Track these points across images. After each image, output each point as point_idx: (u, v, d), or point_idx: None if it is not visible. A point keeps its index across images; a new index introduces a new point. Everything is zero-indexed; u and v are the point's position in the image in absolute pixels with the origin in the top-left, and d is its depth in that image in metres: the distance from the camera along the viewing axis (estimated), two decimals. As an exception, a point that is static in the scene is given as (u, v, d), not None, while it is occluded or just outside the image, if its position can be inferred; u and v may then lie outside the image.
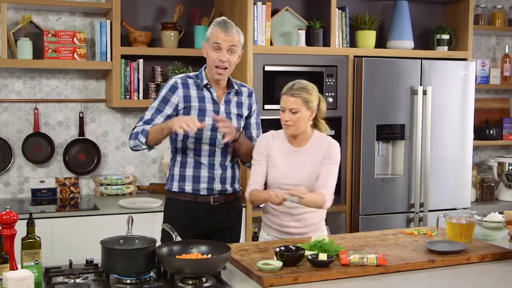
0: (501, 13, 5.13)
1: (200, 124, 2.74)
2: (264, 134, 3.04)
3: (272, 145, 2.97)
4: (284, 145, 2.97)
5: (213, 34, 2.91)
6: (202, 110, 2.95)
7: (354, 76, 4.28)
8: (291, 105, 2.84)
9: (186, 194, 3.00)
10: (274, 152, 2.96)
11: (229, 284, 2.28)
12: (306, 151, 2.94)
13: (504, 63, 5.21)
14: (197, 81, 3.01)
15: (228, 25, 2.91)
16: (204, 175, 3.00)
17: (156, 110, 2.94)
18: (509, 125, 5.20)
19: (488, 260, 2.65)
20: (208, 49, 2.95)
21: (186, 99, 2.95)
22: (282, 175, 2.93)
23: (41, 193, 4.21)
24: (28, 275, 1.98)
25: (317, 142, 2.95)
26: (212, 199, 3.01)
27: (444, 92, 4.43)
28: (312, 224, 2.98)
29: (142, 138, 2.87)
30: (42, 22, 4.17)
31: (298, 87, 2.87)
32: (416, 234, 3.00)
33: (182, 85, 2.97)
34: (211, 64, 2.94)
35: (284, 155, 2.95)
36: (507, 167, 5.09)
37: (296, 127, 2.87)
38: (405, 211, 4.39)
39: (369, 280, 2.39)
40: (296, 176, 2.91)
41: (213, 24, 2.95)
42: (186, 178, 3.01)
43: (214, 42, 2.90)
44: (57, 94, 4.26)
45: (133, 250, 2.31)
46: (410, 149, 4.36)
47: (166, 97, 2.95)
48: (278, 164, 2.94)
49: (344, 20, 4.34)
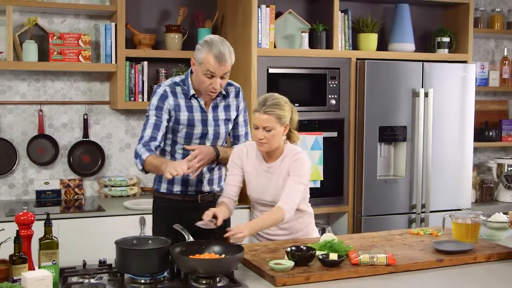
0: (500, 16, 5.19)
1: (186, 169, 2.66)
2: (239, 147, 2.98)
3: (245, 162, 2.92)
4: (257, 162, 2.91)
5: (207, 62, 2.76)
6: (190, 119, 2.91)
7: (357, 79, 4.32)
8: (265, 123, 2.75)
9: (174, 194, 3.01)
10: (247, 169, 2.91)
11: (243, 283, 2.31)
12: (278, 166, 2.86)
13: (503, 65, 5.27)
14: (184, 89, 2.92)
15: (226, 56, 2.76)
16: (192, 178, 2.97)
17: (157, 118, 2.88)
18: (507, 126, 5.26)
19: (494, 260, 2.69)
20: (199, 72, 2.81)
21: (176, 108, 2.90)
22: (258, 192, 2.90)
23: (46, 194, 4.23)
24: (47, 275, 2.01)
25: (288, 156, 2.85)
26: (200, 198, 3.02)
27: (445, 94, 4.48)
28: (300, 230, 2.96)
29: (139, 165, 2.82)
30: (47, 25, 4.19)
31: (270, 103, 2.76)
32: (422, 234, 3.04)
33: (171, 93, 2.90)
34: (203, 88, 2.84)
35: (258, 172, 2.90)
36: (506, 168, 5.15)
37: (270, 145, 2.79)
38: (407, 212, 4.44)
39: (379, 279, 2.42)
40: (270, 193, 2.86)
41: (207, 48, 2.77)
42: (174, 181, 2.99)
43: (207, 70, 2.77)
44: (61, 96, 4.28)
45: (148, 250, 2.34)
46: (412, 150, 4.41)
47: (159, 105, 2.89)
48: (252, 181, 2.91)
49: (346, 23, 4.38)
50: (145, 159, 2.78)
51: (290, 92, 4.16)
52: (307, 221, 3.00)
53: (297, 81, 4.22)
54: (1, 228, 2.19)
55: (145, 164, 2.79)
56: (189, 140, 2.94)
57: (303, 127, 4.18)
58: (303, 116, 4.21)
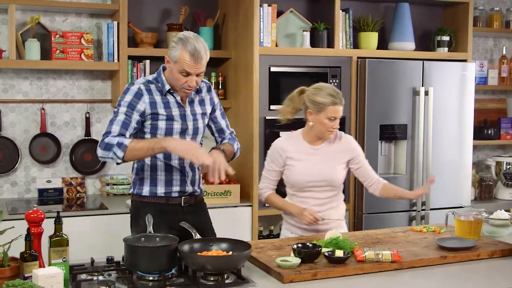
0: (498, 15, 5.23)
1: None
2: (278, 140, 3.13)
3: (288, 148, 3.07)
4: (303, 145, 3.08)
5: (182, 61, 2.70)
6: (169, 115, 2.82)
7: (358, 77, 4.35)
8: (341, 113, 3.03)
9: (158, 197, 2.90)
10: (292, 154, 3.06)
11: (250, 280, 2.33)
12: (324, 150, 3.09)
13: (501, 64, 5.30)
14: (158, 86, 2.84)
15: (201, 54, 2.70)
16: (176, 178, 2.90)
17: (126, 116, 2.75)
18: (506, 125, 5.30)
19: (497, 256, 2.72)
20: (174, 70, 2.75)
21: (152, 105, 2.80)
22: (304, 174, 3.03)
23: (48, 193, 4.24)
24: (58, 272, 2.03)
25: (332, 140, 3.10)
26: (183, 201, 2.93)
27: (445, 93, 4.51)
28: (334, 221, 3.07)
29: (119, 152, 2.68)
30: (48, 23, 4.20)
31: (341, 95, 3.04)
32: (425, 231, 3.07)
33: (146, 91, 2.80)
34: (177, 84, 2.79)
35: (305, 154, 3.06)
36: (505, 166, 5.19)
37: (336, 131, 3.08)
38: (407, 210, 4.47)
39: (384, 276, 2.45)
40: (318, 173, 3.02)
41: (181, 46, 2.70)
42: (158, 182, 2.89)
43: (183, 69, 2.71)
44: (63, 95, 4.29)
45: (156, 247, 2.36)
46: (412, 148, 4.44)
47: (132, 104, 2.77)
48: (299, 163, 3.04)
49: (347, 22, 4.41)
50: (128, 145, 2.67)
51: (292, 90, 4.19)
52: (341, 213, 3.17)
53: (299, 80, 4.23)
54: (11, 226, 2.20)
55: (128, 149, 2.68)
56: (170, 136, 2.83)
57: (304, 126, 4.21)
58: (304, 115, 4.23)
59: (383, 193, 3.13)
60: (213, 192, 4.06)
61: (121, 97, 2.82)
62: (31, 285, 1.92)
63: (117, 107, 2.80)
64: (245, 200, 4.18)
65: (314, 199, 3.06)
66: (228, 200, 4.11)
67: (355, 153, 3.12)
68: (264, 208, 4.16)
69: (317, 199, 3.06)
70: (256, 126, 4.10)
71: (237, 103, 4.35)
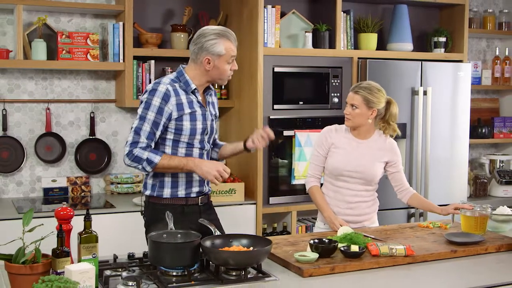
0: (492, 17, 5.35)
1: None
2: (328, 127, 3.35)
3: (335, 136, 3.27)
4: (348, 136, 3.28)
5: (229, 50, 2.85)
6: (193, 114, 2.88)
7: (358, 77, 4.44)
8: (352, 100, 3.18)
9: (178, 199, 2.94)
10: (337, 141, 3.25)
11: (272, 274, 2.41)
12: (367, 145, 3.25)
13: (494, 64, 5.43)
14: (181, 85, 2.89)
15: (234, 36, 2.91)
16: (196, 178, 2.96)
17: (154, 123, 2.81)
18: (499, 124, 5.43)
19: (504, 250, 2.83)
20: (220, 64, 2.86)
21: (179, 107, 2.84)
22: (344, 162, 3.21)
23: (53, 192, 4.28)
24: (90, 268, 2.08)
25: (378, 139, 3.28)
26: (200, 200, 3.00)
27: (442, 93, 4.62)
28: (365, 214, 3.24)
29: (148, 168, 2.80)
30: (53, 24, 4.23)
31: (363, 86, 3.20)
32: (432, 227, 3.17)
33: (174, 92, 2.84)
34: (224, 75, 2.90)
35: (349, 144, 3.24)
36: (498, 164, 5.32)
37: (353, 121, 3.20)
38: (406, 207, 4.56)
39: (399, 269, 2.54)
40: (357, 164, 3.19)
41: (224, 39, 2.84)
42: (179, 184, 2.94)
43: (231, 56, 2.86)
44: (68, 95, 4.33)
45: (181, 243, 2.42)
46: (411, 147, 4.54)
47: (161, 107, 2.80)
48: (341, 151, 3.23)
49: (348, 23, 4.50)
50: (157, 163, 2.79)
51: (295, 90, 4.32)
52: (373, 207, 3.32)
53: (301, 80, 4.33)
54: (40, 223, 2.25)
55: (157, 167, 2.80)
56: (193, 136, 2.89)
57: (307, 125, 4.31)
58: (307, 114, 4.33)
59: (411, 202, 3.32)
60: (218, 191, 4.12)
61: (148, 98, 2.82)
62: (67, 280, 1.97)
63: (143, 109, 2.82)
64: (249, 198, 4.25)
65: (347, 189, 3.21)
66: (232, 198, 4.18)
67: (395, 157, 3.28)
68: (268, 206, 4.24)
69: (351, 190, 3.21)
70: (260, 125, 4.17)
71: (240, 103, 4.41)
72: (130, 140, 2.81)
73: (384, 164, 3.27)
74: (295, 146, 4.24)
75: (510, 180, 5.18)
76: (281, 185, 4.33)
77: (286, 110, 4.26)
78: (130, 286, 2.20)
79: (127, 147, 2.81)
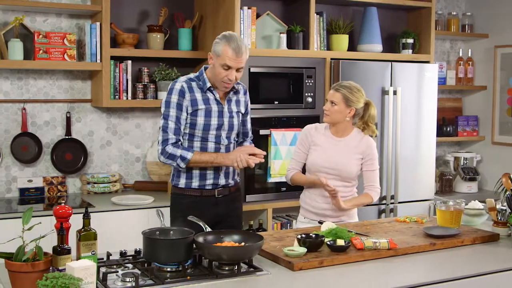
0: (455, 19, 5.55)
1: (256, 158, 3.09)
2: (309, 125, 3.47)
3: (315, 134, 3.40)
4: (327, 134, 3.39)
5: (225, 55, 2.98)
6: (208, 111, 3.11)
7: (331, 77, 4.55)
8: (332, 97, 3.33)
9: (192, 189, 3.17)
10: (317, 139, 3.38)
11: (263, 269, 2.49)
12: (345, 143, 3.38)
13: (458, 65, 5.63)
14: (199, 84, 3.13)
15: (241, 50, 2.99)
16: (210, 171, 3.17)
17: (177, 119, 3.07)
18: (463, 122, 5.64)
19: (479, 242, 2.98)
20: (216, 64, 3.04)
21: (193, 103, 3.09)
22: (322, 159, 3.34)
23: (29, 192, 4.26)
24: (91, 264, 2.12)
25: (356, 137, 3.39)
26: (216, 192, 3.20)
27: (411, 93, 4.78)
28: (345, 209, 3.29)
29: (182, 164, 3.06)
30: (29, 23, 4.21)
31: (343, 85, 3.35)
32: (408, 221, 3.30)
33: (188, 89, 3.10)
34: (218, 78, 3.06)
35: (327, 141, 3.37)
36: (462, 161, 5.52)
37: (331, 117, 3.33)
38: (377, 203, 4.71)
39: (383, 262, 2.66)
40: (333, 161, 3.31)
41: (225, 41, 2.99)
42: (193, 175, 3.16)
43: (225, 63, 2.99)
44: (44, 95, 4.32)
45: (175, 239, 2.48)
46: (382, 145, 4.68)
47: (179, 103, 3.08)
48: (319, 148, 3.36)
49: (321, 24, 4.61)
50: (190, 159, 3.04)
51: (270, 90, 4.41)
52: None
53: (277, 80, 4.42)
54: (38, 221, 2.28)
55: (191, 162, 3.06)
56: (207, 131, 3.11)
57: (282, 124, 4.41)
58: (282, 113, 4.42)
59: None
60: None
61: (167, 97, 3.10)
62: (71, 277, 2.01)
63: (165, 108, 3.09)
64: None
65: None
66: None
67: (370, 155, 3.37)
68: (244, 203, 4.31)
69: None
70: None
71: (216, 103, 4.47)
72: (161, 139, 3.08)
73: (360, 161, 3.38)
74: (270, 145, 4.33)
75: (474, 177, 5.40)
76: (257, 183, 4.41)
77: (262, 110, 4.35)
78: (129, 282, 2.26)
79: (160, 146, 3.09)
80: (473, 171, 5.42)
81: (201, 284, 2.32)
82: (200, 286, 2.30)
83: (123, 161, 4.59)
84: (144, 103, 4.38)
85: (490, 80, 5.61)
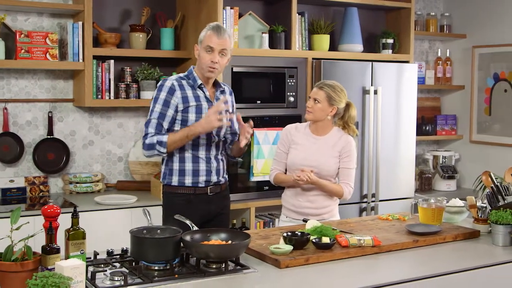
0: (434, 20, 5.64)
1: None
2: (289, 125, 3.53)
3: (295, 133, 3.45)
4: (306, 132, 3.43)
5: (207, 38, 3.14)
6: (198, 107, 3.18)
7: (313, 77, 4.60)
8: (315, 95, 3.37)
9: (185, 187, 3.21)
10: (297, 138, 3.42)
11: (250, 266, 2.52)
12: (324, 141, 3.39)
13: (437, 65, 5.72)
14: (189, 82, 3.22)
15: (221, 30, 3.15)
16: (202, 168, 3.22)
17: (160, 115, 3.12)
18: (441, 121, 5.72)
19: (460, 239, 3.04)
20: (201, 51, 3.18)
21: (184, 100, 3.16)
22: (301, 157, 3.38)
23: (11, 192, 4.23)
24: (80, 263, 2.13)
25: (335, 135, 3.42)
26: (209, 190, 3.25)
27: (391, 92, 4.85)
28: (324, 207, 3.38)
29: (162, 149, 3.09)
30: (10, 22, 4.19)
31: (327, 83, 3.40)
32: (391, 219, 3.35)
33: (179, 86, 3.18)
34: (203, 64, 3.17)
35: (307, 140, 3.41)
36: (441, 159, 5.60)
37: (314, 114, 3.37)
38: (358, 202, 4.77)
39: (367, 259, 2.70)
40: (312, 159, 3.35)
41: (207, 28, 3.19)
42: (185, 173, 3.21)
43: (207, 45, 3.13)
44: (25, 94, 4.29)
45: (163, 238, 2.50)
46: (362, 145, 4.74)
47: (166, 100, 3.14)
48: (299, 147, 3.39)
49: (303, 24, 4.65)
50: (167, 141, 3.07)
51: (252, 90, 4.44)
52: (333, 202, 3.44)
53: (259, 80, 4.45)
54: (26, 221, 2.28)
55: (168, 145, 3.08)
56: None
57: (264, 123, 4.44)
58: (264, 113, 4.46)
59: None
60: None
61: (156, 94, 3.17)
62: (61, 276, 2.02)
63: (152, 104, 3.16)
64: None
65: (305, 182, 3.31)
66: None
67: (347, 154, 3.39)
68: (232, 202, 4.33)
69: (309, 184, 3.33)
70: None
71: (199, 102, 4.49)
72: (143, 134, 3.15)
73: (339, 158, 3.41)
74: (253, 144, 4.36)
75: (453, 175, 5.48)
76: (240, 182, 4.44)
77: (245, 109, 4.36)
78: (117, 281, 2.28)
79: (142, 140, 3.16)
80: (452, 170, 5.51)
81: (189, 282, 2.34)
82: (188, 284, 2.32)
83: (106, 160, 4.59)
84: (127, 103, 4.38)
85: (468, 80, 5.70)
